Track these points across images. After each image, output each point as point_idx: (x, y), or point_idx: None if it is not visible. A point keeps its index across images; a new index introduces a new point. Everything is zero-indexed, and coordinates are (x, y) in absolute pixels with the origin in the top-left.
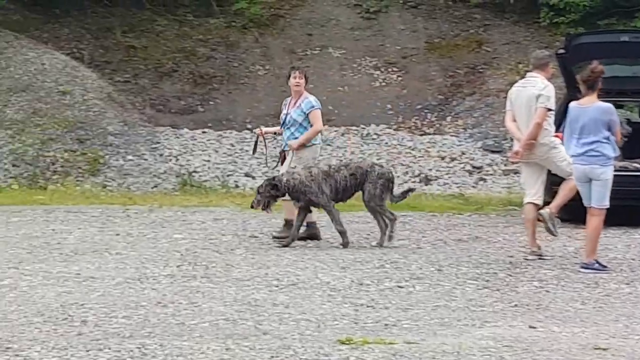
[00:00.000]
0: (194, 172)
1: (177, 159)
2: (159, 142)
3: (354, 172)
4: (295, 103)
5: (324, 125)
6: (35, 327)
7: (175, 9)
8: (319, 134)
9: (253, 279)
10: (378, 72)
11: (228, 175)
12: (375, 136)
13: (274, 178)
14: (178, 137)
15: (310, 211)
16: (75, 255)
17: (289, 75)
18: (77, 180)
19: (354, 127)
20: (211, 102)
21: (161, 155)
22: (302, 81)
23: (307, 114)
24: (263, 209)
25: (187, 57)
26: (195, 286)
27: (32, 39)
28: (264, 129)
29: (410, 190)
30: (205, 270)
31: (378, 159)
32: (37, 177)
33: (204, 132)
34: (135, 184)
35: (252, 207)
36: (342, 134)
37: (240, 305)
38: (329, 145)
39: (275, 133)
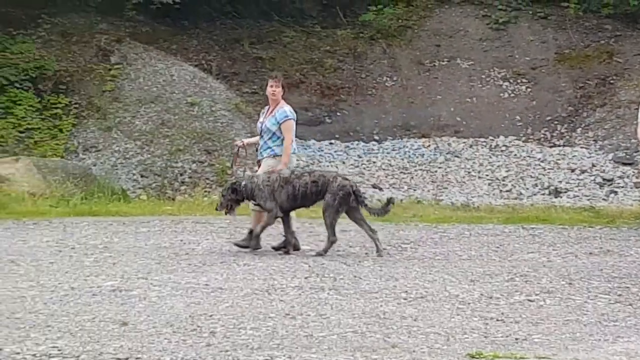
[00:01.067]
0: None
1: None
2: None
3: (317, 179)
4: (271, 112)
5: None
6: (165, 338)
7: (302, 21)
8: (293, 144)
9: (381, 291)
10: (507, 84)
11: None
12: (503, 148)
13: (234, 182)
14: (305, 149)
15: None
16: (203, 266)
17: (267, 84)
18: (205, 191)
19: (482, 139)
20: (338, 114)
21: (288, 167)
22: (279, 90)
23: (280, 124)
24: (226, 212)
25: (315, 69)
26: (323, 298)
27: (161, 50)
28: (245, 141)
29: (391, 202)
30: (333, 282)
31: (507, 171)
32: (166, 188)
33: (331, 143)
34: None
35: (216, 209)
36: (470, 146)
37: (368, 318)
38: (457, 157)
39: (256, 143)
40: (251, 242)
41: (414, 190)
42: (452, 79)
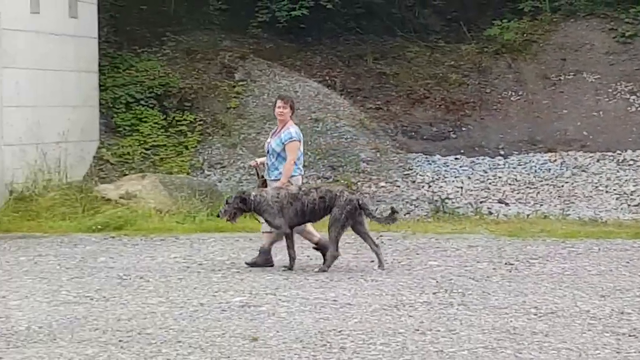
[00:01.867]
0: (447, 198)
1: (430, 186)
2: (411, 169)
3: (324, 195)
4: (278, 132)
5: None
6: (295, 353)
7: (426, 36)
8: (300, 165)
9: (510, 307)
10: (634, 97)
11: (481, 202)
12: (631, 162)
13: (244, 192)
14: (430, 164)
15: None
16: (331, 282)
17: (275, 104)
18: None
19: (609, 153)
20: (463, 129)
21: (413, 181)
22: (287, 110)
23: (285, 145)
24: (229, 220)
25: (439, 84)
26: (453, 313)
27: (285, 67)
28: (258, 160)
29: (395, 211)
30: (462, 297)
31: (635, 185)
32: None
33: (456, 159)
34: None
35: (218, 216)
36: (597, 160)
37: (498, 333)
38: (583, 171)
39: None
40: (258, 259)
41: (541, 205)
42: (578, 92)
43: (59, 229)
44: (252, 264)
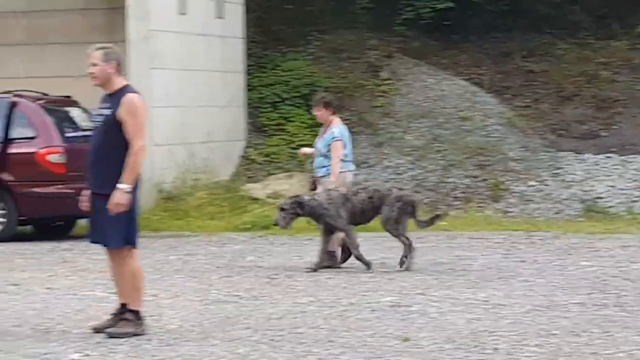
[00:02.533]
0: (598, 198)
1: (581, 185)
2: (560, 168)
3: (372, 195)
4: (323, 133)
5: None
6: (447, 354)
7: (576, 32)
8: (347, 162)
9: None
10: None
11: (633, 202)
12: None
13: (297, 196)
14: (580, 163)
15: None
16: (481, 282)
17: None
18: (479, 207)
19: None
20: (614, 127)
21: (563, 180)
22: (320, 112)
23: (329, 145)
24: (284, 227)
25: (589, 81)
26: (608, 315)
27: (431, 65)
28: (303, 150)
29: (438, 216)
30: (617, 298)
31: None
32: (438, 203)
33: (607, 157)
34: (537, 210)
35: (275, 224)
36: None
37: None
38: None
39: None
40: (365, 263)
41: None
42: None
43: (207, 228)
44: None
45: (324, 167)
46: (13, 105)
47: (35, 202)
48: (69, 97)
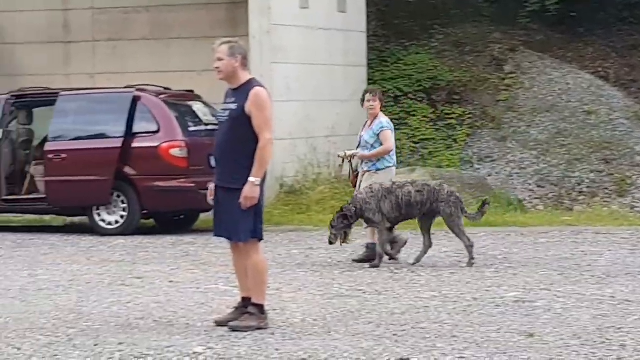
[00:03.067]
0: None
1: None
2: None
3: (421, 189)
4: (369, 125)
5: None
6: (573, 350)
7: None
8: (393, 156)
9: None
10: None
11: None
12: None
13: (342, 209)
14: None
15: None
16: (607, 278)
17: (363, 98)
18: (604, 201)
19: None
20: None
21: None
22: (376, 103)
23: (378, 135)
24: (342, 242)
25: None
26: None
27: (556, 58)
28: (347, 152)
29: (486, 203)
30: None
31: None
32: (563, 198)
33: None
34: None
35: (331, 243)
36: None
37: None
38: None
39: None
40: (376, 262)
41: None
42: None
43: (329, 222)
44: (360, 261)
45: (370, 161)
46: (136, 99)
47: (158, 196)
48: (191, 91)
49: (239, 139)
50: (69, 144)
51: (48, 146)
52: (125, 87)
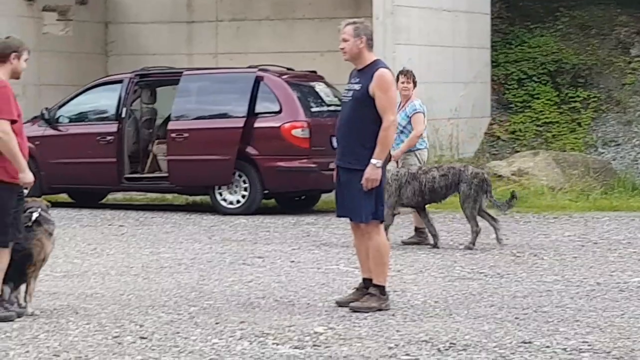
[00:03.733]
0: None
1: None
2: None
3: (446, 172)
4: (402, 107)
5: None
6: None
7: None
8: (425, 138)
9: None
10: None
11: None
12: None
13: None
14: None
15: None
16: None
17: (397, 79)
18: None
19: None
20: None
21: None
22: (410, 85)
23: (410, 117)
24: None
25: None
26: None
27: None
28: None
29: (514, 196)
30: None
31: None
32: None
33: None
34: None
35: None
36: None
37: None
38: None
39: None
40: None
41: None
42: None
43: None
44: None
45: (402, 141)
46: (258, 79)
47: (279, 176)
48: (314, 72)
49: (361, 120)
50: (191, 123)
51: (171, 125)
52: (248, 67)
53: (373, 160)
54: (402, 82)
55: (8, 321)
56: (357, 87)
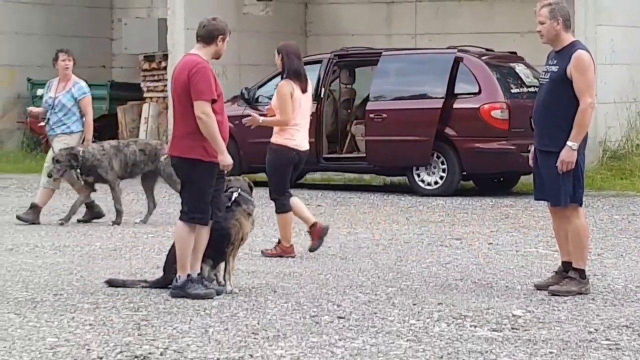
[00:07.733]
0: None
1: None
2: None
3: (143, 148)
4: (64, 86)
5: None
6: None
7: None
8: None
9: None
10: None
11: None
12: None
13: (73, 148)
14: None
15: (94, 190)
16: None
17: (56, 57)
18: None
19: None
20: None
21: None
22: (71, 64)
23: (78, 101)
24: (57, 178)
25: None
26: None
27: None
28: (34, 109)
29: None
30: None
31: None
32: None
33: None
34: None
35: (49, 176)
36: None
37: None
38: None
39: (43, 117)
40: (117, 219)
41: None
42: None
43: None
44: None
45: (64, 124)
46: (457, 60)
47: (478, 157)
48: (514, 53)
49: (558, 102)
50: (390, 103)
51: (369, 106)
52: (447, 48)
53: (569, 143)
54: (64, 60)
55: (208, 298)
56: (554, 68)
